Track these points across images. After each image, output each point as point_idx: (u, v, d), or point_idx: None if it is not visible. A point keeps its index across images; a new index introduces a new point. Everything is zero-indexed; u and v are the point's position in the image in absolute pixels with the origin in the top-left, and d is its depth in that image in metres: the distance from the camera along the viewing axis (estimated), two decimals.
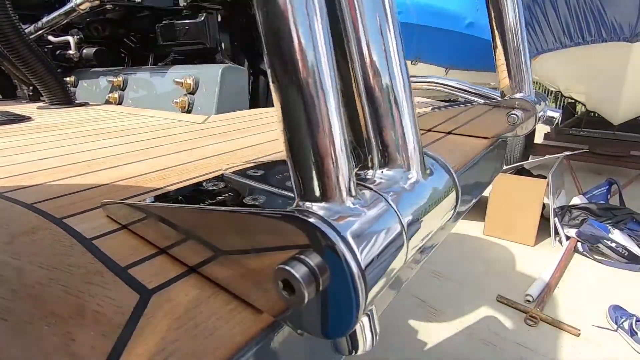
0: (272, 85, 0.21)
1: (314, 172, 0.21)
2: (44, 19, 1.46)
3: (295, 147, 0.21)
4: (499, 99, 0.73)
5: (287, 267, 0.19)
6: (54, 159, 0.62)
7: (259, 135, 0.81)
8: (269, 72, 0.21)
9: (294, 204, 0.23)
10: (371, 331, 0.24)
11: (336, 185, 0.22)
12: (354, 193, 0.22)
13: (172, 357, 0.21)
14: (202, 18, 1.31)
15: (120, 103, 1.46)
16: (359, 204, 0.22)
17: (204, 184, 0.43)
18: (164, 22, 1.39)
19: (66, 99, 1.40)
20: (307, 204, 0.22)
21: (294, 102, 0.20)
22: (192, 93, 1.19)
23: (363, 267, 0.19)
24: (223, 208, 0.26)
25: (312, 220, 0.20)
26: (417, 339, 1.86)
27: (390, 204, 0.24)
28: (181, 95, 1.19)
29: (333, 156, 0.21)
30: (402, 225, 0.23)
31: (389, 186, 0.26)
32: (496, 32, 0.69)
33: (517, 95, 0.70)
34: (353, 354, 0.24)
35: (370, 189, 0.25)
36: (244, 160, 0.61)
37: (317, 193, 0.22)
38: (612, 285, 2.23)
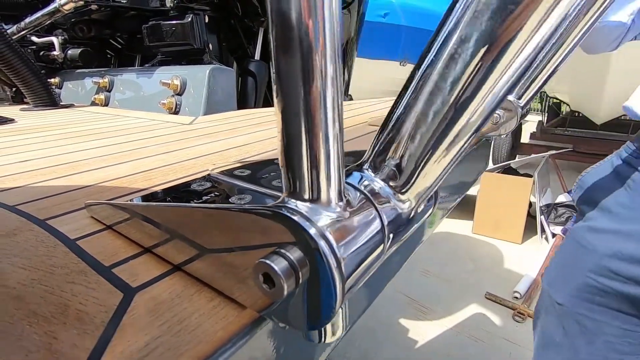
0: (274, 85, 0.20)
1: (305, 170, 0.21)
2: (27, 20, 1.43)
3: (291, 145, 0.21)
4: None
5: (267, 261, 0.19)
6: (37, 161, 0.61)
7: (247, 135, 0.81)
8: (273, 72, 0.20)
9: (280, 199, 0.23)
10: (342, 320, 0.25)
11: (325, 187, 0.22)
12: (341, 196, 0.22)
13: (154, 352, 0.21)
14: (189, 19, 1.31)
15: (106, 104, 1.44)
16: (346, 206, 0.23)
17: (191, 184, 0.43)
18: (150, 22, 1.38)
19: (50, 101, 1.38)
20: (293, 200, 0.22)
21: (295, 101, 0.20)
22: (179, 94, 1.18)
23: (341, 260, 0.20)
24: (205, 205, 0.26)
25: (290, 214, 0.20)
26: (407, 337, 1.88)
27: (372, 203, 0.24)
28: (168, 96, 1.19)
29: (325, 158, 0.21)
30: (382, 223, 0.24)
31: (379, 189, 0.26)
32: None
33: None
34: (323, 341, 0.25)
35: (360, 191, 0.25)
36: (231, 161, 0.61)
37: (306, 192, 0.22)
38: None
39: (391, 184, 0.26)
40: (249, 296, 0.24)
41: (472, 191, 2.52)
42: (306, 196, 0.22)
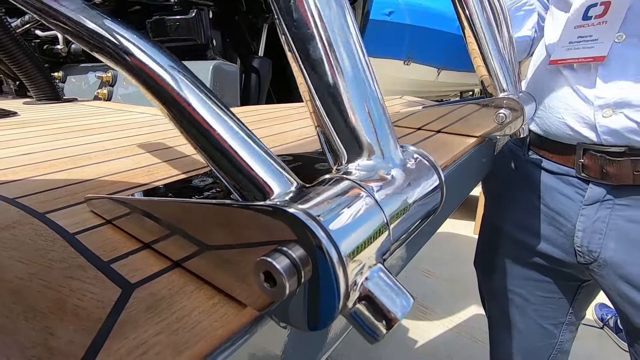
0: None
1: (245, 172, 0.24)
2: None
3: (218, 161, 0.24)
4: (489, 98, 0.74)
5: (268, 259, 0.19)
6: (39, 154, 0.61)
7: None
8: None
9: (273, 196, 0.24)
10: (396, 295, 0.22)
11: (273, 176, 0.24)
12: (292, 179, 0.25)
13: (152, 350, 0.20)
14: (193, 14, 1.30)
15: (109, 99, 1.44)
16: (325, 189, 0.23)
17: (192, 180, 0.43)
18: (154, 17, 1.38)
19: (53, 95, 1.38)
20: (282, 197, 0.23)
21: (187, 117, 0.24)
22: None
23: (344, 259, 0.19)
24: (205, 201, 0.26)
25: (289, 210, 0.20)
26: (408, 337, 1.87)
27: (363, 188, 0.24)
28: None
29: (250, 152, 0.24)
30: (384, 214, 0.23)
31: (364, 174, 0.26)
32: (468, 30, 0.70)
33: (506, 95, 0.70)
34: (390, 329, 0.21)
35: (344, 178, 0.25)
36: None
37: (260, 190, 0.24)
38: None
39: (359, 157, 0.27)
40: (249, 294, 0.24)
41: (473, 192, 2.51)
42: (262, 193, 0.24)
